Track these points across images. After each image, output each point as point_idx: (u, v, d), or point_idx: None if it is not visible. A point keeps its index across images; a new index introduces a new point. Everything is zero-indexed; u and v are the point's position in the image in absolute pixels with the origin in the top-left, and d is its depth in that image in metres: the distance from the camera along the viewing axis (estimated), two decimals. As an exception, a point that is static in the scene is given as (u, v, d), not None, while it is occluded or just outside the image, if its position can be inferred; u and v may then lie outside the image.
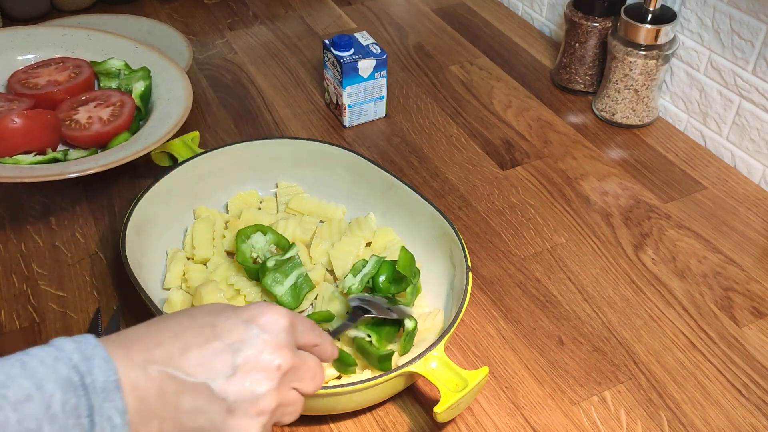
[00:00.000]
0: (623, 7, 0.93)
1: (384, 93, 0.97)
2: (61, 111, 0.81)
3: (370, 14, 1.23)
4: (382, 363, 0.63)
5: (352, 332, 0.65)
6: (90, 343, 0.42)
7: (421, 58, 1.12)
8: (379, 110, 0.98)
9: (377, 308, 0.65)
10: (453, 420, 0.64)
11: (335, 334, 0.62)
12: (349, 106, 0.95)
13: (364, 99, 0.96)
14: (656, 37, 0.90)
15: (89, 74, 0.86)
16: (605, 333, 0.72)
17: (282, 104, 1.02)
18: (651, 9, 0.91)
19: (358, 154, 0.79)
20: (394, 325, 0.66)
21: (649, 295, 0.75)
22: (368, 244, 0.77)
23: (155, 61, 0.88)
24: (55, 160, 0.76)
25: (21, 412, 0.38)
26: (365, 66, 0.93)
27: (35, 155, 0.75)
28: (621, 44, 0.93)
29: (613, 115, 0.98)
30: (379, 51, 0.94)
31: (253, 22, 1.21)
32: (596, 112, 1.00)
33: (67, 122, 0.79)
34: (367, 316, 0.64)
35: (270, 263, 0.70)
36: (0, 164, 0.71)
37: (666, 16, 0.91)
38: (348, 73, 0.92)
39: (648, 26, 0.90)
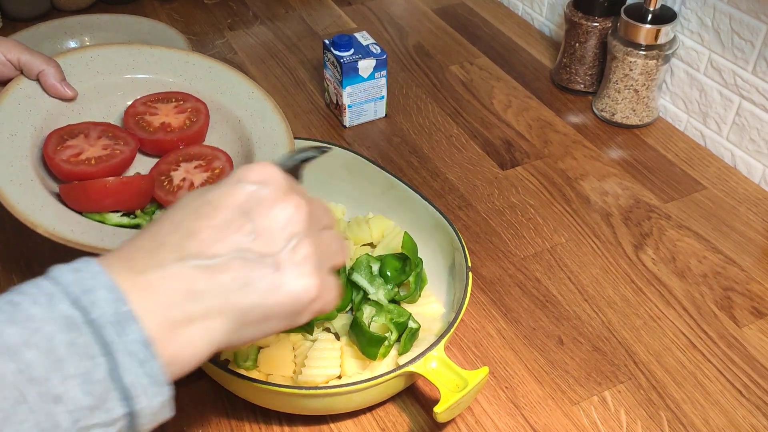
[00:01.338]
0: (623, 7, 0.93)
1: (384, 93, 0.97)
2: (164, 163, 0.73)
3: (370, 14, 1.23)
4: (371, 347, 0.63)
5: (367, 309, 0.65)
6: (91, 271, 0.38)
7: (421, 58, 1.12)
8: (379, 110, 0.98)
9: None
10: (453, 420, 0.64)
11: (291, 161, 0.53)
12: (349, 106, 0.95)
13: (364, 99, 0.96)
14: (656, 37, 0.90)
15: (203, 123, 0.75)
16: (605, 333, 0.72)
17: (282, 104, 1.01)
18: (651, 9, 0.91)
19: (358, 154, 0.79)
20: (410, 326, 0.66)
21: (649, 295, 0.75)
22: (370, 245, 0.77)
23: (266, 112, 0.77)
24: (138, 226, 0.72)
25: (19, 361, 0.34)
26: (365, 66, 0.93)
27: (122, 215, 0.70)
28: (621, 44, 0.93)
29: (613, 115, 0.98)
30: (379, 51, 0.94)
31: (253, 22, 1.21)
32: (596, 112, 1.00)
33: (162, 178, 0.71)
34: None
35: None
36: (87, 225, 0.67)
37: (666, 16, 0.91)
38: (348, 73, 0.92)
39: (648, 26, 0.90)
